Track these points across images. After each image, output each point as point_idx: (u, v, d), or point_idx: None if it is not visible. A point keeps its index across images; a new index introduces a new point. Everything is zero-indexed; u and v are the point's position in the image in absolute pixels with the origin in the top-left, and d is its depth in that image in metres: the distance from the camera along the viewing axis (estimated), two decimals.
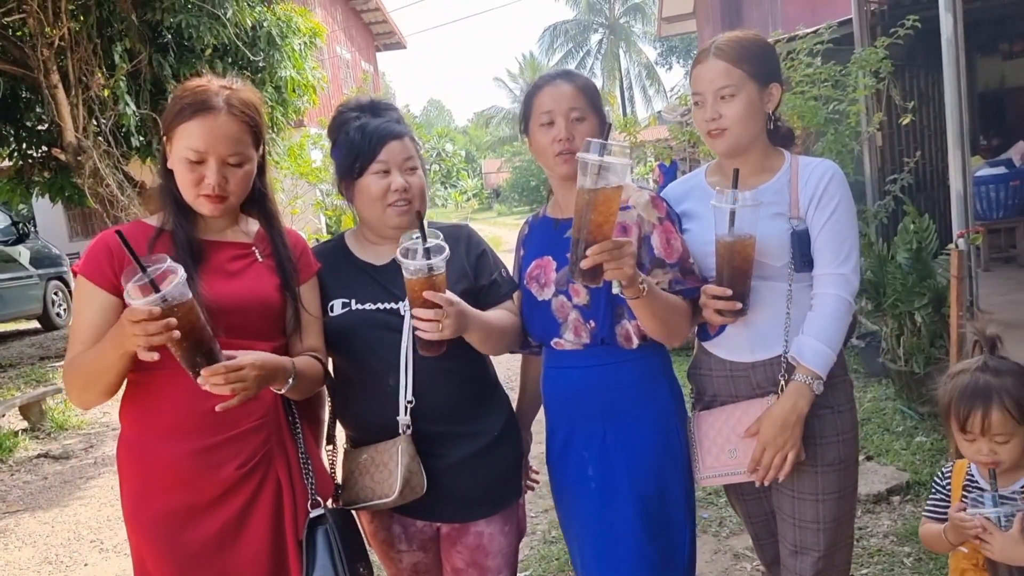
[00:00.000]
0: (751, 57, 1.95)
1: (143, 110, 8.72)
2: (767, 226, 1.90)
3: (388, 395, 1.92)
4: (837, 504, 1.97)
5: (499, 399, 2.11)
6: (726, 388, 2.05)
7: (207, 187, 1.76)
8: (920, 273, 4.50)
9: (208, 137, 1.74)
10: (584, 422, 2.01)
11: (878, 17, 6.88)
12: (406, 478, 1.85)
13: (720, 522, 3.66)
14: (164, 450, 1.75)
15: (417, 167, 2.00)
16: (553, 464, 2.12)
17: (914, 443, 4.20)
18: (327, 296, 2.00)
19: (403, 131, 1.99)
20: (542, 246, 2.06)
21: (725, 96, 1.94)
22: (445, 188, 20.73)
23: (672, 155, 10.79)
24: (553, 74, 2.05)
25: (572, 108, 1.96)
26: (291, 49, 9.68)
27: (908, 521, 3.41)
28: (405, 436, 1.89)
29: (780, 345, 1.95)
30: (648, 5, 42.72)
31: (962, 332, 3.71)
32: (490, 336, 1.93)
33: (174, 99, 1.79)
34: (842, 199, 1.96)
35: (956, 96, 4.57)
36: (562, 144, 1.95)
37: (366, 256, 2.04)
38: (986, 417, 1.73)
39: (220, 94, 1.77)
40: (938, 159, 7.32)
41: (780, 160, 2.04)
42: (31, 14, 7.84)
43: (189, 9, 8.52)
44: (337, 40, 19.91)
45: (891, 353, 4.70)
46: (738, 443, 1.96)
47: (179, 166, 1.77)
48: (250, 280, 1.84)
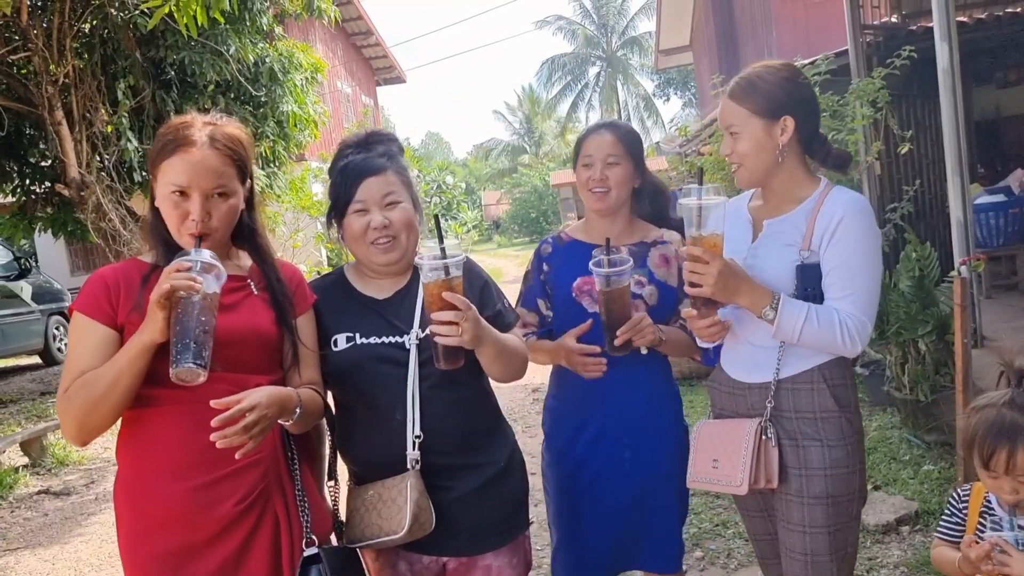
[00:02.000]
0: (756, 94, 1.96)
1: (146, 145, 8.78)
2: (777, 255, 1.96)
3: (395, 430, 1.90)
4: (827, 539, 1.93)
5: (504, 430, 2.12)
6: (729, 404, 2.11)
7: (190, 223, 1.75)
8: (923, 301, 4.50)
9: (190, 171, 1.73)
10: (626, 413, 2.32)
11: (874, 48, 6.95)
12: (415, 514, 1.82)
13: (728, 553, 3.63)
14: (161, 488, 1.72)
15: (400, 200, 1.97)
16: (581, 456, 2.34)
17: (922, 472, 4.17)
18: (329, 330, 1.98)
19: (383, 166, 1.98)
20: (587, 267, 2.23)
21: (734, 133, 2.00)
22: (446, 220, 20.78)
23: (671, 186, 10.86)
24: (598, 124, 2.46)
25: (609, 154, 2.34)
26: (293, 84, 9.77)
27: (918, 551, 3.38)
28: (414, 471, 1.87)
29: (771, 372, 1.98)
30: (645, 38, 43.17)
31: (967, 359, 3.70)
32: (502, 354, 1.92)
33: (158, 137, 1.80)
34: (858, 238, 1.92)
35: (953, 125, 4.61)
36: (596, 183, 2.34)
37: (368, 290, 2.04)
38: (1012, 458, 1.69)
39: (203, 129, 1.78)
40: (937, 187, 7.35)
41: (811, 190, 2.01)
42: (36, 52, 7.93)
43: (192, 46, 8.62)
44: (338, 75, 20.11)
45: (896, 381, 4.68)
46: (721, 455, 2.00)
47: (165, 203, 1.77)
48: (246, 313, 1.83)
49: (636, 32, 45.27)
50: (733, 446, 1.99)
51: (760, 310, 1.88)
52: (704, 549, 3.69)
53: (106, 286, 1.75)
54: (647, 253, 2.40)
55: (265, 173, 9.75)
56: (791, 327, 1.87)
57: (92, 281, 1.77)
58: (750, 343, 2.03)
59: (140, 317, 1.66)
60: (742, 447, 1.96)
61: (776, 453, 1.96)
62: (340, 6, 11.56)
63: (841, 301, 1.91)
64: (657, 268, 2.37)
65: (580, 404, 2.36)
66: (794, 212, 2.00)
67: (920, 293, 4.52)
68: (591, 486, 2.35)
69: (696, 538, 3.81)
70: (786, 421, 1.99)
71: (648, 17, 42.32)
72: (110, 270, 1.80)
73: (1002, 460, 1.70)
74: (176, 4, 5.13)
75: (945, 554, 1.86)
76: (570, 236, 2.49)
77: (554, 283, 2.42)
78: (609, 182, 2.33)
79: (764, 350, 2.00)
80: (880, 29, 7.23)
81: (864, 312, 1.91)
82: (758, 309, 1.88)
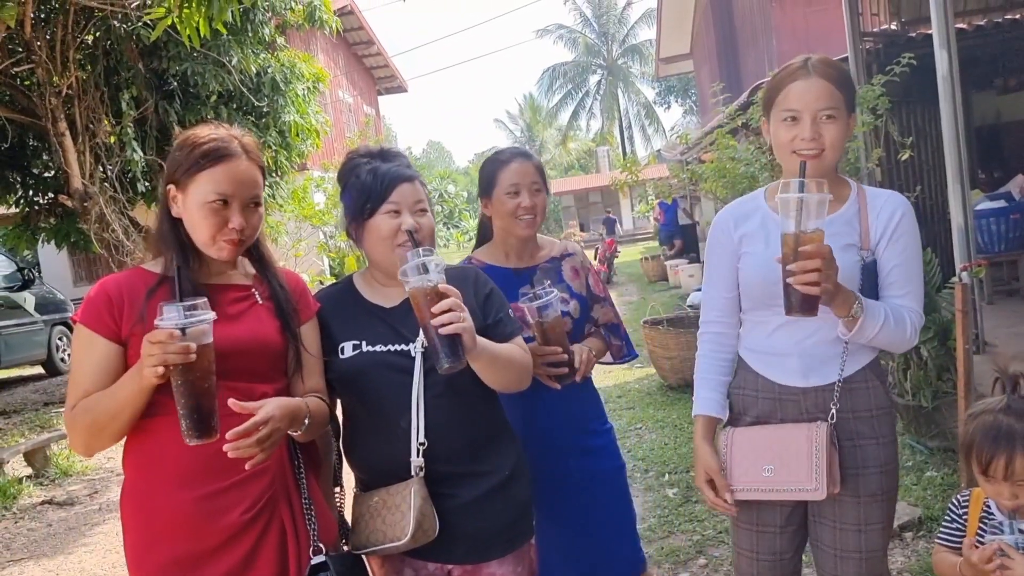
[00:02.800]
0: (848, 84, 1.91)
1: (149, 156, 8.83)
2: (839, 257, 1.77)
3: (400, 437, 1.91)
4: (880, 535, 1.96)
5: (509, 438, 2.12)
6: (771, 410, 2.00)
7: (230, 231, 1.78)
8: (925, 307, 4.49)
9: (234, 181, 1.78)
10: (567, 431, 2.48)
11: (873, 55, 6.97)
12: (419, 520, 1.83)
13: (731, 561, 3.62)
14: (168, 497, 1.73)
15: (427, 209, 2.03)
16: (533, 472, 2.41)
17: (924, 478, 4.17)
18: (336, 338, 1.99)
19: (414, 175, 2.03)
20: (511, 294, 2.30)
21: (827, 117, 1.86)
22: (447, 228, 20.84)
23: (672, 193, 10.87)
24: (514, 152, 2.54)
25: (534, 182, 2.45)
26: (295, 94, 9.83)
27: (922, 557, 3.38)
28: (418, 478, 1.88)
29: (836, 372, 1.93)
30: (646, 46, 43.30)
31: (969, 365, 3.71)
32: (496, 362, 1.92)
33: (188, 147, 1.80)
34: (913, 236, 1.95)
35: (953, 131, 4.62)
36: (526, 210, 2.42)
37: (375, 298, 2.05)
38: (1010, 464, 1.70)
39: (234, 141, 1.82)
40: (938, 193, 7.36)
41: (847, 189, 1.99)
42: (40, 64, 7.98)
43: (195, 57, 8.67)
44: (339, 85, 20.18)
45: (898, 387, 4.69)
46: (776, 461, 1.92)
47: (200, 211, 1.77)
48: (251, 323, 1.84)
49: (637, 40, 45.43)
50: (793, 452, 1.90)
51: (849, 310, 1.80)
52: (708, 556, 3.69)
53: (109, 298, 1.75)
54: (560, 268, 2.52)
55: (267, 183, 9.76)
56: (872, 327, 1.83)
57: (96, 292, 1.77)
58: (802, 348, 1.95)
59: (144, 330, 1.65)
60: (811, 452, 1.88)
61: (838, 457, 1.91)
62: (342, 16, 11.62)
63: (903, 298, 1.92)
64: (572, 280, 2.51)
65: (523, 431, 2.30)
66: (842, 211, 1.95)
67: None
68: (543, 503, 2.31)
69: (699, 545, 3.81)
70: (844, 422, 1.94)
71: (648, 25, 42.48)
72: (113, 281, 1.80)
73: (1000, 466, 1.71)
74: (179, 15, 5.16)
75: (946, 559, 1.87)
76: (481, 261, 2.52)
77: None
78: (536, 209, 2.43)
79: (825, 353, 1.94)
80: (880, 36, 7.25)
81: (921, 306, 1.94)
82: (846, 310, 1.80)
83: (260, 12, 9.11)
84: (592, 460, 2.51)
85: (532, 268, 2.49)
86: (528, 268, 2.49)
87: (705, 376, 2.10)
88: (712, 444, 2.04)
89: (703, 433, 2.06)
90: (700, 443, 2.04)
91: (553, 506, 2.42)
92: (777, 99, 1.91)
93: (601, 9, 45.99)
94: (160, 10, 5.31)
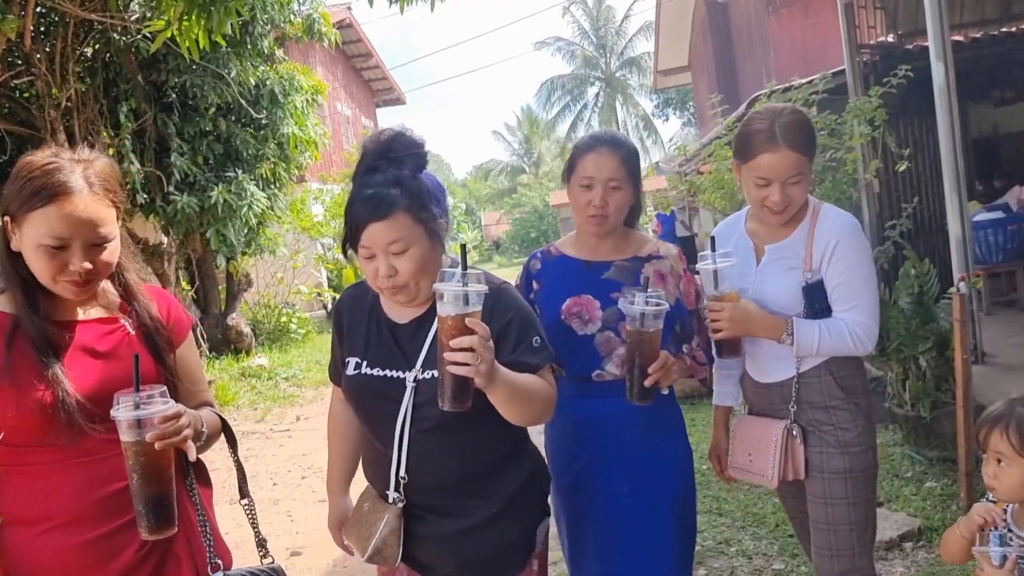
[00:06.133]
0: (810, 141, 2.14)
1: (147, 168, 8.83)
2: (782, 278, 2.18)
3: (386, 465, 1.87)
4: (845, 510, 2.15)
5: (510, 471, 1.93)
6: (757, 400, 2.35)
7: (71, 274, 1.59)
8: (923, 317, 4.51)
9: (70, 223, 1.56)
10: (621, 443, 2.22)
11: (870, 67, 7.00)
12: (379, 548, 1.83)
13: (731, 571, 3.61)
14: (55, 543, 1.59)
15: (408, 247, 1.75)
16: (572, 490, 2.28)
17: (924, 488, 4.16)
18: (346, 350, 1.95)
19: (388, 209, 1.74)
20: (577, 285, 2.25)
21: (793, 182, 2.11)
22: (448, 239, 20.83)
23: (671, 205, 10.89)
24: (600, 138, 2.27)
25: (611, 178, 2.20)
26: (293, 106, 9.84)
27: (922, 568, 3.36)
28: (395, 508, 1.84)
29: (790, 370, 2.20)
30: (644, 59, 43.43)
31: (967, 376, 3.71)
32: (515, 397, 1.73)
33: (20, 179, 1.58)
34: (855, 256, 2.15)
35: (951, 142, 4.64)
36: (596, 209, 2.20)
37: (390, 311, 1.93)
38: (989, 435, 1.77)
39: (75, 171, 1.60)
40: (936, 204, 7.38)
41: (804, 211, 2.21)
42: (39, 76, 7.99)
43: (194, 69, 8.69)
44: (338, 97, 20.24)
45: (897, 398, 4.69)
46: (755, 451, 2.24)
47: (36, 253, 1.58)
48: (125, 359, 1.66)
49: (635, 53, 45.54)
50: (764, 444, 2.22)
51: (779, 337, 2.12)
52: (707, 567, 3.68)
53: None
54: (640, 269, 2.25)
55: (266, 195, 9.79)
56: (809, 346, 2.12)
57: None
58: (767, 350, 2.24)
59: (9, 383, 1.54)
60: (772, 446, 2.19)
61: (802, 449, 2.19)
62: (340, 29, 11.66)
63: (848, 312, 2.14)
64: (652, 286, 2.17)
65: (573, 435, 2.26)
66: (792, 237, 2.20)
67: (920, 310, 4.53)
68: (590, 519, 2.25)
69: (699, 556, 3.79)
70: (803, 412, 2.21)
71: (647, 38, 42.59)
72: None
73: (982, 437, 1.79)
74: (178, 28, 5.17)
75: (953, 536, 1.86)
76: (560, 251, 2.37)
77: (543, 304, 2.28)
78: (609, 208, 2.20)
79: (777, 356, 2.21)
80: (876, 48, 7.29)
81: (868, 317, 2.14)
82: (776, 337, 2.13)
83: (259, 25, 9.14)
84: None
85: (606, 264, 2.28)
86: (602, 263, 2.28)
87: (719, 371, 2.45)
88: (724, 429, 2.46)
89: (718, 420, 2.49)
90: (716, 428, 2.49)
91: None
92: (750, 162, 2.13)
93: (599, 22, 46.16)
94: (159, 23, 5.33)
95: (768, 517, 4.03)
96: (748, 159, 2.14)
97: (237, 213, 9.11)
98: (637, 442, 2.22)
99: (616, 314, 2.18)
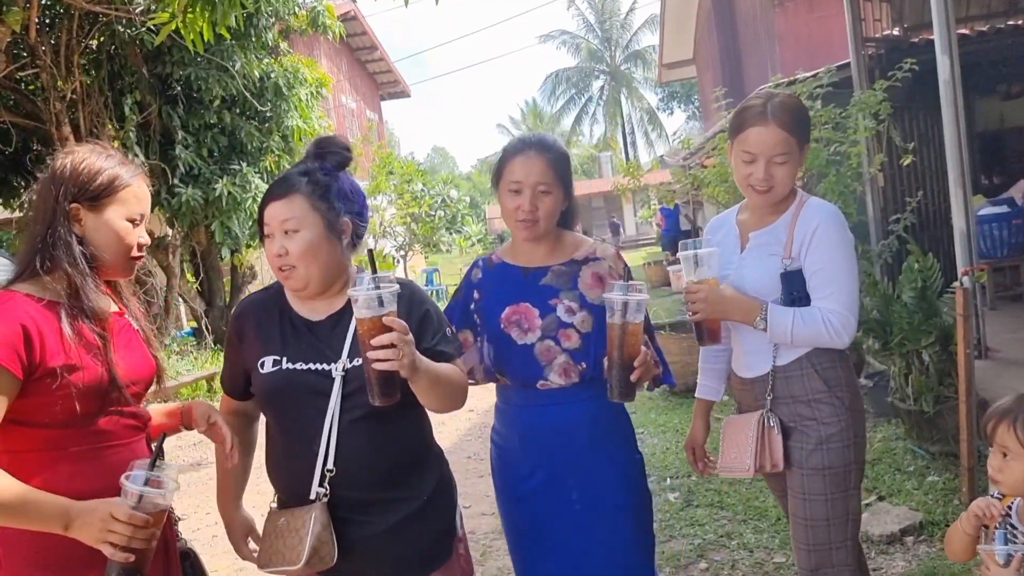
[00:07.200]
0: (801, 124, 2.14)
1: (152, 160, 8.85)
2: (762, 264, 2.18)
3: (312, 460, 1.84)
4: (825, 506, 2.14)
5: (431, 462, 2.00)
6: (743, 398, 2.34)
7: (141, 248, 1.82)
8: (926, 312, 4.50)
9: (145, 202, 1.83)
10: (569, 452, 2.17)
11: (876, 60, 6.98)
12: (315, 547, 1.77)
13: (733, 565, 3.62)
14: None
15: (299, 228, 1.84)
16: (522, 501, 2.23)
17: (926, 483, 4.17)
18: (258, 351, 1.92)
19: (290, 189, 1.87)
20: (515, 293, 2.20)
21: (779, 161, 2.10)
22: (450, 234, 20.80)
23: (675, 198, 10.88)
24: (528, 141, 2.20)
25: (540, 182, 2.13)
26: (298, 99, 9.85)
27: (923, 562, 3.37)
28: (320, 504, 1.81)
29: (768, 364, 2.20)
30: (649, 52, 43.36)
31: (970, 370, 3.71)
32: (437, 383, 1.82)
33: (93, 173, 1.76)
34: (833, 243, 2.13)
35: (956, 136, 4.63)
36: (525, 214, 2.13)
37: (302, 310, 1.95)
38: (996, 428, 1.76)
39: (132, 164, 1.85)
40: (940, 198, 7.37)
41: (790, 201, 2.21)
42: (44, 68, 8.02)
43: (198, 62, 8.70)
44: (342, 90, 20.23)
45: (900, 392, 4.68)
46: (738, 446, 2.23)
47: (123, 228, 1.78)
48: (137, 349, 1.84)
49: (640, 46, 45.50)
50: (744, 436, 2.22)
51: (752, 321, 2.11)
52: (709, 560, 3.69)
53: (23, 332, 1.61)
54: (578, 273, 2.19)
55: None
56: (782, 331, 2.10)
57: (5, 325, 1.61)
58: (747, 345, 2.26)
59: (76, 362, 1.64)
60: (749, 437, 2.19)
61: (780, 439, 2.17)
62: (345, 21, 11.65)
63: (824, 300, 2.11)
64: (589, 290, 2.17)
65: (521, 446, 2.22)
66: (776, 224, 2.20)
67: (923, 304, 4.52)
68: (543, 530, 2.21)
69: (700, 549, 3.80)
70: (785, 406, 2.20)
71: (651, 31, 42.54)
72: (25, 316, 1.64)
73: (991, 434, 1.77)
74: (183, 20, 5.18)
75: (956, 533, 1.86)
76: (500, 258, 2.31)
77: (484, 313, 2.24)
78: (539, 212, 2.13)
79: (758, 350, 2.22)
80: (882, 42, 7.27)
81: (845, 307, 2.11)
82: (750, 321, 2.12)
83: (264, 17, 9.15)
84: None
85: (543, 269, 2.21)
86: (538, 269, 2.22)
87: (702, 365, 2.47)
88: (703, 421, 2.47)
89: (698, 412, 2.49)
90: (695, 420, 2.49)
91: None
92: (739, 136, 2.15)
93: (604, 15, 46.07)
94: (164, 15, 5.33)
95: (770, 511, 4.03)
96: (738, 134, 2.16)
97: (241, 206, 9.13)
98: (586, 451, 2.17)
99: (555, 322, 2.14)
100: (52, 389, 1.61)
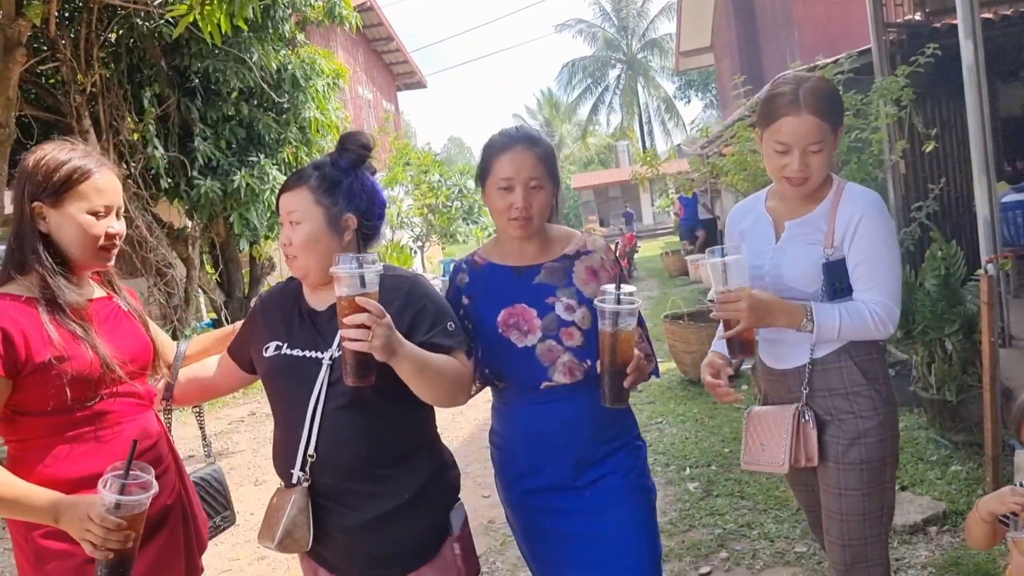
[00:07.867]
0: (834, 109, 2.06)
1: (171, 153, 8.91)
2: (801, 253, 2.11)
3: (297, 444, 1.89)
4: (861, 501, 2.10)
5: (420, 461, 1.97)
6: (772, 389, 2.27)
7: (110, 238, 1.85)
8: (949, 300, 4.45)
9: (111, 192, 1.86)
10: (573, 444, 2.12)
11: (897, 46, 6.90)
12: (288, 530, 1.83)
13: (753, 554, 3.61)
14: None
15: (301, 220, 1.92)
16: (525, 502, 2.19)
17: (949, 472, 4.13)
18: (266, 336, 2.01)
19: (295, 184, 1.96)
20: (509, 294, 2.13)
21: (814, 150, 2.04)
22: (467, 224, 20.82)
23: (693, 187, 10.82)
24: (514, 136, 2.12)
25: (531, 178, 2.06)
26: (315, 90, 9.86)
27: (946, 552, 3.35)
28: (301, 488, 1.86)
29: (805, 356, 2.13)
30: (666, 40, 43.07)
31: (994, 359, 3.67)
32: (424, 372, 1.81)
33: (51, 170, 1.79)
34: (876, 233, 2.06)
35: (979, 123, 4.57)
36: (520, 211, 2.06)
37: (311, 299, 2.02)
38: (1022, 417, 1.76)
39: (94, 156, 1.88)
40: (963, 185, 7.28)
41: (827, 189, 2.14)
42: (64, 62, 8.07)
43: (216, 54, 8.73)
44: (359, 81, 20.25)
45: (922, 381, 4.64)
46: (767, 439, 2.17)
47: (84, 222, 1.81)
48: (127, 329, 1.93)
49: (656, 34, 45.19)
50: (776, 430, 2.15)
51: (798, 324, 2.04)
52: (729, 550, 3.68)
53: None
54: (571, 268, 2.14)
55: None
56: (829, 330, 2.03)
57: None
58: (783, 335, 2.15)
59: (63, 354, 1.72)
60: (784, 431, 2.13)
61: (815, 434, 2.11)
62: (361, 12, 11.64)
63: (868, 292, 2.06)
64: (584, 284, 2.11)
65: (523, 444, 2.17)
66: (813, 213, 2.13)
67: (946, 292, 4.48)
68: (551, 526, 2.17)
69: (721, 539, 3.80)
70: (821, 400, 2.14)
71: (668, 19, 42.23)
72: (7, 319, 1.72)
73: (1021, 427, 1.78)
74: (200, 13, 5.20)
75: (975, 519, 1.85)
76: (486, 259, 2.23)
77: (476, 318, 2.15)
78: (533, 209, 2.06)
79: (794, 340, 2.13)
80: (903, 27, 7.17)
81: (890, 297, 2.05)
82: (796, 324, 2.04)
83: (281, 9, 9.16)
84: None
85: (536, 267, 2.14)
86: (531, 267, 2.15)
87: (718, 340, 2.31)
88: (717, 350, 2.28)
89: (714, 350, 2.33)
90: (710, 352, 2.31)
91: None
92: (771, 126, 2.07)
93: (621, 3, 45.78)
94: (182, 7, 5.35)
95: (790, 500, 4.01)
96: (769, 123, 2.07)
97: (260, 197, 9.17)
98: (589, 446, 2.12)
99: (555, 321, 2.08)
100: (45, 381, 1.71)
